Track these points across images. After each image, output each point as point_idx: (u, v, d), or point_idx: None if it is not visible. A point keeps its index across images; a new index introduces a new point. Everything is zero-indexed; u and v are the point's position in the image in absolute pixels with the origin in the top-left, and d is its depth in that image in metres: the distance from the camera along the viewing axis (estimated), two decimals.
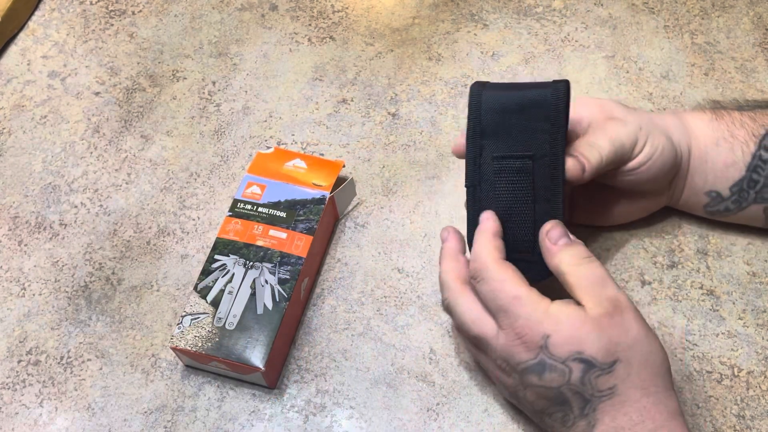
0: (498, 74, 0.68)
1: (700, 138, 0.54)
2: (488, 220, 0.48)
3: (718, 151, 0.54)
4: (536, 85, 0.49)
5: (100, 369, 0.54)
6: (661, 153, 0.51)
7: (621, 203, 0.56)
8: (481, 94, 0.49)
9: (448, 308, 0.48)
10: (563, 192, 0.48)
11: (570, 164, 0.48)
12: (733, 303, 0.55)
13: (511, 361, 0.44)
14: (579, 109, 0.53)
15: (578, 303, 0.44)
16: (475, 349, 0.49)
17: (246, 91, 0.69)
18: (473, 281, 0.46)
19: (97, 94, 0.70)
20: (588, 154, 0.49)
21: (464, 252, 0.50)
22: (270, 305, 0.52)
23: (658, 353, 0.44)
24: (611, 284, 0.44)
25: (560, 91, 0.47)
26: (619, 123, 0.51)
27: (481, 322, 0.46)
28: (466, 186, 0.49)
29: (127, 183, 0.64)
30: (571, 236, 0.47)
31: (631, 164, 0.51)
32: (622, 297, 0.44)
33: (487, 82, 0.50)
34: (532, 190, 0.48)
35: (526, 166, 0.48)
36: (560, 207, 0.48)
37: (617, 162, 0.51)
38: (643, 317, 0.44)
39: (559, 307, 0.44)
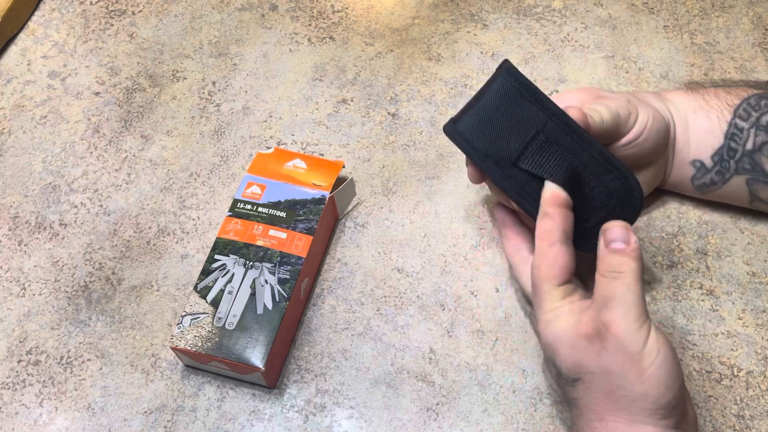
0: None
1: (679, 106, 0.56)
2: (549, 197, 0.47)
3: (696, 118, 0.55)
4: (487, 84, 0.50)
5: (100, 369, 0.54)
6: (654, 120, 0.53)
7: None
8: (456, 128, 0.50)
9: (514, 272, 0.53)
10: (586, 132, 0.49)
11: (575, 114, 0.48)
12: (733, 303, 0.55)
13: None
14: (567, 97, 0.54)
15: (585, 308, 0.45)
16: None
17: (246, 91, 0.69)
18: (538, 245, 0.47)
19: (97, 94, 0.70)
20: (590, 112, 0.50)
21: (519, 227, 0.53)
22: (270, 305, 0.52)
23: (633, 390, 0.42)
24: (616, 308, 0.42)
25: (506, 68, 0.49)
26: (608, 98, 0.53)
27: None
28: (513, 200, 0.50)
29: (127, 183, 0.64)
30: (632, 239, 0.44)
31: (630, 135, 0.52)
32: (617, 325, 0.42)
33: (454, 116, 0.51)
34: (565, 152, 0.48)
35: (542, 141, 0.48)
36: (595, 143, 0.48)
37: (616, 129, 0.51)
38: (641, 356, 0.42)
39: (566, 309, 0.45)
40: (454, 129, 0.50)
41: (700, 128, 0.55)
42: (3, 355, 0.55)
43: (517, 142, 0.48)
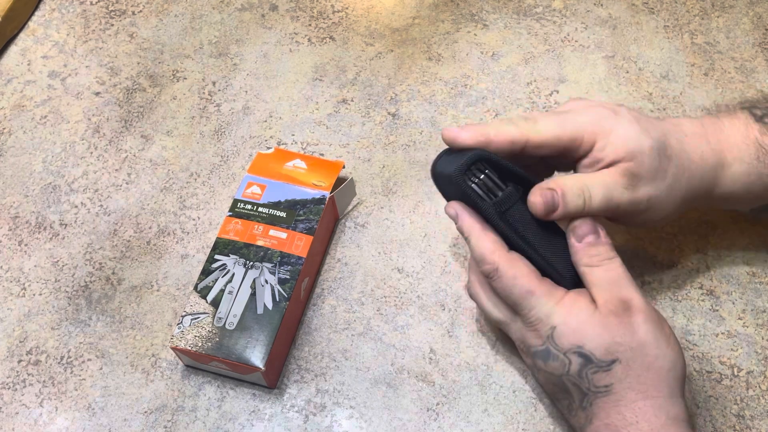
0: (498, 74, 0.68)
1: (729, 186, 0.50)
2: (464, 220, 0.48)
3: (749, 193, 0.51)
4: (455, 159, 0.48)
5: (100, 369, 0.54)
6: (660, 218, 0.50)
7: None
8: (435, 168, 0.50)
9: (471, 297, 0.51)
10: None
11: (537, 199, 0.46)
12: (733, 303, 0.55)
13: (525, 344, 0.47)
14: (607, 149, 0.47)
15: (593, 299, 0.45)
16: (500, 329, 0.51)
17: (246, 91, 0.69)
18: (488, 280, 0.47)
19: (97, 94, 0.70)
20: (570, 199, 0.46)
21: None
22: (270, 305, 0.52)
23: (667, 359, 0.43)
24: (627, 285, 0.45)
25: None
26: (630, 187, 0.47)
27: (498, 310, 0.48)
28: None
29: (127, 183, 0.64)
30: (602, 232, 0.46)
31: (639, 217, 0.49)
32: (637, 299, 0.44)
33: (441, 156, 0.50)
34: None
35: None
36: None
37: (601, 216, 0.48)
38: (661, 321, 0.44)
39: (571, 299, 0.45)
40: (432, 169, 0.50)
41: (751, 197, 0.51)
42: (3, 355, 0.55)
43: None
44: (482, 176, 0.46)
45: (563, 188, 0.46)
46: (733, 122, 0.51)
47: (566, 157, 0.49)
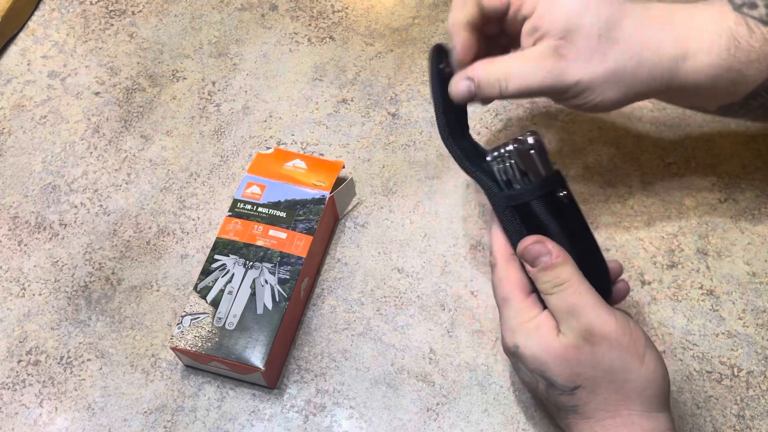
0: None
1: (692, 77, 0.47)
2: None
3: (714, 87, 0.47)
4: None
5: (100, 369, 0.54)
6: (603, 101, 0.47)
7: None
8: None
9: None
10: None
11: (456, 88, 0.47)
12: (733, 303, 0.55)
13: (503, 347, 0.47)
14: (545, 16, 0.46)
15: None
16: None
17: (246, 91, 0.69)
18: (490, 266, 0.47)
19: (97, 94, 0.70)
20: (486, 88, 0.47)
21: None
22: (270, 305, 0.52)
23: (639, 380, 0.42)
24: (588, 311, 0.42)
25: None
26: (555, 68, 0.46)
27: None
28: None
29: (127, 183, 0.64)
30: (553, 252, 0.43)
31: (561, 101, 0.48)
32: (600, 325, 0.41)
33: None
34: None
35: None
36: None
37: (525, 98, 0.48)
38: (632, 342, 0.42)
39: (537, 324, 0.44)
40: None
41: (718, 92, 0.48)
42: (3, 355, 0.55)
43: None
44: (507, 164, 0.45)
45: (479, 78, 0.47)
46: (708, 9, 0.48)
47: (514, 25, 0.49)
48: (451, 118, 0.50)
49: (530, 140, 0.45)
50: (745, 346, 0.53)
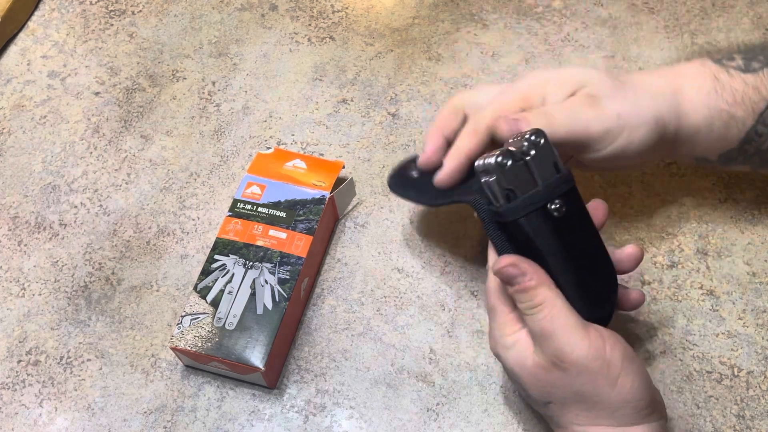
0: (498, 74, 0.68)
1: (692, 117, 0.49)
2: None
3: (711, 130, 0.49)
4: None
5: (100, 369, 0.54)
6: (638, 146, 0.47)
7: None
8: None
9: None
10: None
11: (503, 126, 0.45)
12: (733, 303, 0.55)
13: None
14: (558, 91, 0.47)
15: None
16: None
17: (246, 91, 0.69)
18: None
19: (96, 94, 0.70)
20: (534, 120, 0.45)
21: None
22: (270, 305, 0.52)
23: (613, 401, 0.41)
24: (559, 337, 0.41)
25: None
26: (594, 105, 0.46)
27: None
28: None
29: (126, 183, 0.64)
30: (528, 275, 0.42)
31: (594, 156, 0.48)
32: (569, 351, 0.41)
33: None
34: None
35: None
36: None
37: (573, 147, 0.46)
38: (606, 365, 0.41)
39: (517, 339, 0.44)
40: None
41: (713, 138, 0.50)
42: (3, 355, 0.55)
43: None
44: (488, 180, 0.42)
45: (526, 116, 0.45)
46: (690, 63, 0.51)
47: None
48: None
49: (524, 146, 0.41)
50: (745, 346, 0.53)
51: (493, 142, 0.47)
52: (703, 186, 0.60)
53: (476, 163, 0.43)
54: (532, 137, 0.41)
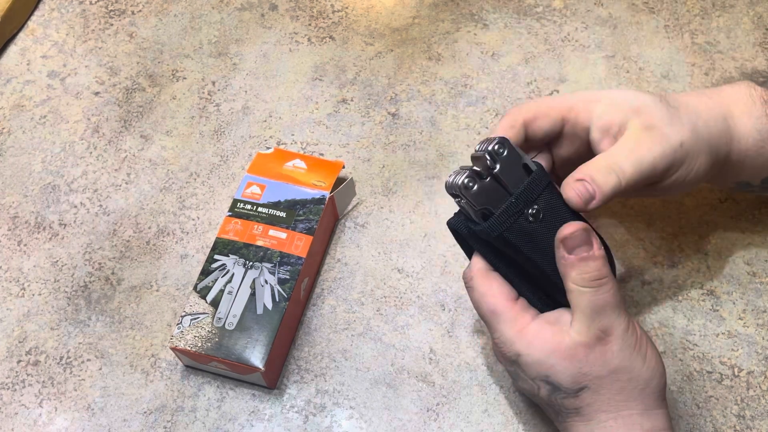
0: (498, 74, 0.68)
1: (743, 142, 0.48)
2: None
3: (760, 155, 0.49)
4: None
5: (100, 369, 0.54)
6: (695, 174, 0.46)
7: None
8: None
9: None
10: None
11: (571, 194, 0.43)
12: (733, 303, 0.55)
13: (500, 358, 0.47)
14: (609, 112, 0.46)
15: (562, 322, 0.43)
16: None
17: (246, 91, 0.69)
18: (466, 287, 0.47)
19: (96, 94, 0.70)
20: (602, 179, 0.43)
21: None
22: (270, 305, 0.52)
23: (641, 378, 0.42)
24: (611, 311, 0.42)
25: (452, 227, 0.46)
26: (656, 137, 0.44)
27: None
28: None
29: (126, 183, 0.64)
30: (595, 244, 0.42)
31: (656, 186, 0.47)
32: (616, 325, 0.42)
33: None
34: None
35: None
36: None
37: (640, 185, 0.45)
38: (639, 341, 0.43)
39: (538, 327, 0.43)
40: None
41: (760, 164, 0.49)
42: (2, 355, 0.55)
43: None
44: (460, 201, 0.43)
45: (590, 173, 0.43)
46: (735, 85, 0.49)
47: (571, 134, 0.48)
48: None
49: (488, 161, 0.41)
50: (745, 346, 0.53)
51: (527, 138, 0.47)
52: (703, 186, 0.60)
53: (445, 182, 0.43)
54: (496, 147, 0.41)
